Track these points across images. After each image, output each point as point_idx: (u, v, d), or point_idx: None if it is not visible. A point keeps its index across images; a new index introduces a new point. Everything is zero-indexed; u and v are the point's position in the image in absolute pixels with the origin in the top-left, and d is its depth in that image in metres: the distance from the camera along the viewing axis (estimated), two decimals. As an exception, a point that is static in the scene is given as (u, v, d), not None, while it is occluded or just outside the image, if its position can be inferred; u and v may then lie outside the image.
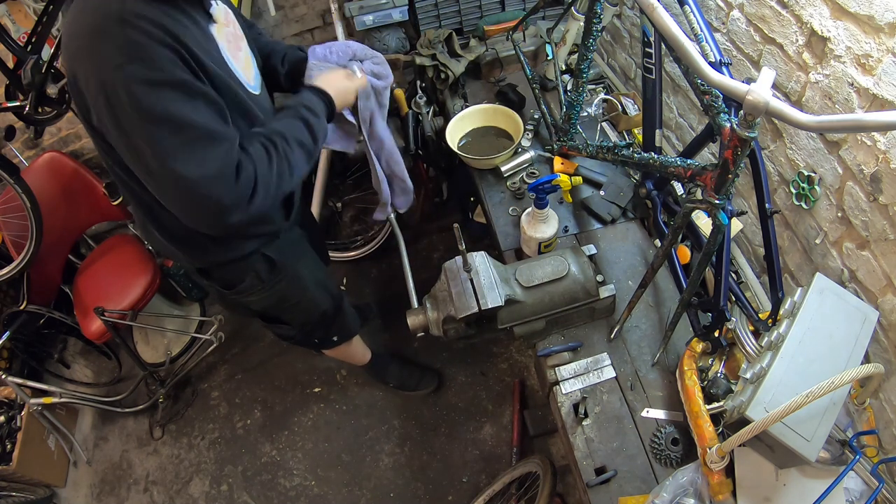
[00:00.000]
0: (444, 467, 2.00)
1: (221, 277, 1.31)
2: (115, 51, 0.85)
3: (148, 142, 0.89)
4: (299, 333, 1.62)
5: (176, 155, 0.90)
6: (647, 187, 1.49)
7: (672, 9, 1.40)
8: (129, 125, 0.88)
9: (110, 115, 0.88)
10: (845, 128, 0.78)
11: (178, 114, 0.89)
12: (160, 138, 0.89)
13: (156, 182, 0.95)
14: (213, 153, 0.93)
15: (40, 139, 1.96)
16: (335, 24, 2.05)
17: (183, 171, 0.90)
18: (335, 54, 1.37)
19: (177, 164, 0.90)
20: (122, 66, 0.85)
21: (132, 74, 0.85)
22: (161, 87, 0.88)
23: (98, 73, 0.86)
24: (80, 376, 2.43)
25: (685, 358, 1.18)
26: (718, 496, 1.02)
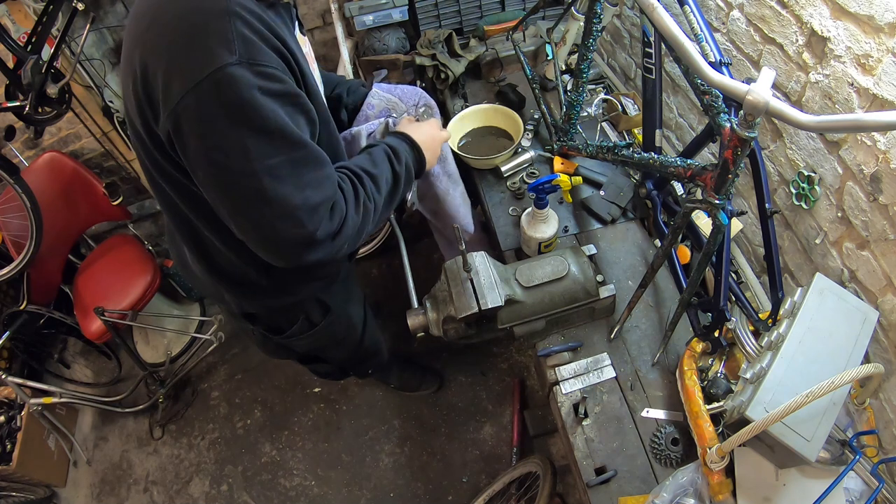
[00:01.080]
0: (444, 467, 2.00)
1: (269, 322, 1.21)
2: (218, 47, 0.72)
3: (244, 155, 0.76)
4: (336, 371, 1.59)
5: (280, 174, 0.78)
6: (647, 187, 1.49)
7: (672, 9, 1.40)
8: (222, 134, 0.75)
9: (196, 122, 0.75)
10: (845, 128, 0.78)
11: (288, 128, 0.78)
12: (263, 153, 0.76)
13: (241, 202, 0.81)
14: (318, 178, 0.82)
15: (40, 139, 1.96)
16: (335, 24, 2.05)
17: (284, 192, 0.78)
18: (399, 90, 1.34)
19: (278, 184, 0.78)
20: (227, 65, 0.72)
21: (240, 77, 0.72)
22: (271, 95, 0.76)
23: (190, 71, 0.72)
24: (80, 376, 2.43)
25: (685, 358, 1.18)
26: (718, 496, 1.02)
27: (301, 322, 1.22)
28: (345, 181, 0.92)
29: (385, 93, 1.32)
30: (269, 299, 1.13)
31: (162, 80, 0.75)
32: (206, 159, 0.78)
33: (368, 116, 1.32)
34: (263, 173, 0.77)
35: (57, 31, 1.72)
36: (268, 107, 0.75)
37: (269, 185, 0.78)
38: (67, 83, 1.79)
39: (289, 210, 0.80)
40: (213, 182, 0.81)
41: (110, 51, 2.14)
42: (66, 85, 1.79)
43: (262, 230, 0.83)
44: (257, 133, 0.76)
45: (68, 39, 1.83)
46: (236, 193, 0.80)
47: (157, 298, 2.26)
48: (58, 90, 1.77)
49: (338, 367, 1.56)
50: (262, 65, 0.75)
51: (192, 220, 0.96)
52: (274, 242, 0.84)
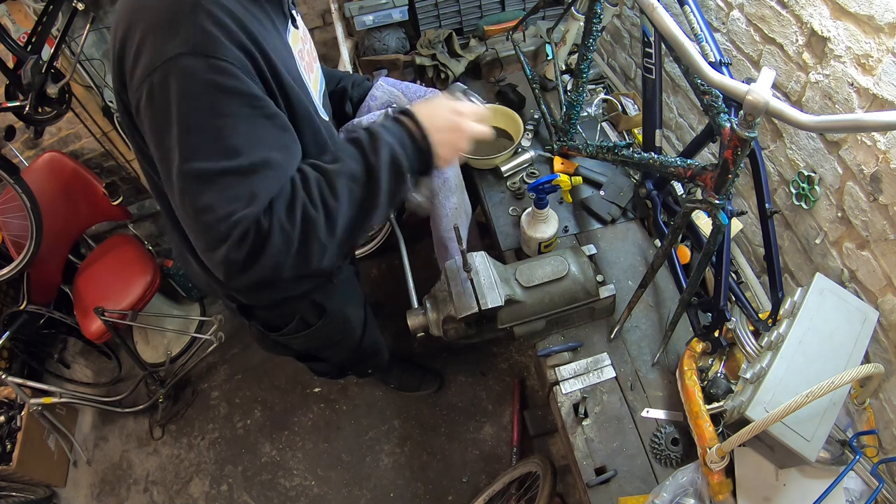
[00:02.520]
0: (444, 467, 2.00)
1: (265, 319, 1.19)
2: (179, 37, 0.70)
3: (182, 154, 0.72)
4: (335, 370, 1.58)
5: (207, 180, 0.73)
6: (647, 187, 1.49)
7: (672, 9, 1.40)
8: (165, 127, 0.72)
9: (148, 113, 0.73)
10: (845, 128, 0.78)
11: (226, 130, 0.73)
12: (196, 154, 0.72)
13: (176, 202, 0.77)
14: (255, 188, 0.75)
15: (40, 139, 1.96)
16: (335, 24, 2.05)
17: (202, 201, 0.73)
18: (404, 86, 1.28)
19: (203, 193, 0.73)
20: (182, 55, 0.69)
21: (188, 68, 0.70)
22: (220, 93, 0.72)
23: (151, 54, 0.71)
24: (80, 376, 2.43)
25: (685, 358, 1.18)
26: (718, 496, 1.02)
27: (297, 322, 1.20)
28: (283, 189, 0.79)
29: (390, 86, 1.30)
30: (257, 295, 1.11)
31: (131, 65, 0.74)
32: (152, 147, 0.77)
33: (371, 108, 1.31)
34: (186, 176, 0.72)
35: (57, 31, 1.72)
36: (211, 104, 0.71)
37: (188, 188, 0.72)
38: (67, 83, 1.79)
39: (211, 220, 0.73)
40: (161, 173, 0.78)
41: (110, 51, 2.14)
42: (66, 85, 1.79)
43: (195, 237, 0.78)
44: (191, 131, 0.72)
45: (68, 39, 1.83)
46: (171, 191, 0.77)
47: (157, 298, 2.25)
48: (58, 90, 1.77)
49: (336, 366, 1.56)
50: (218, 58, 0.71)
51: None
52: (205, 253, 0.78)
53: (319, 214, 0.79)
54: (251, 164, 0.74)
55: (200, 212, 0.73)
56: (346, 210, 0.81)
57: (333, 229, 0.80)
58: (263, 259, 0.76)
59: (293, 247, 0.78)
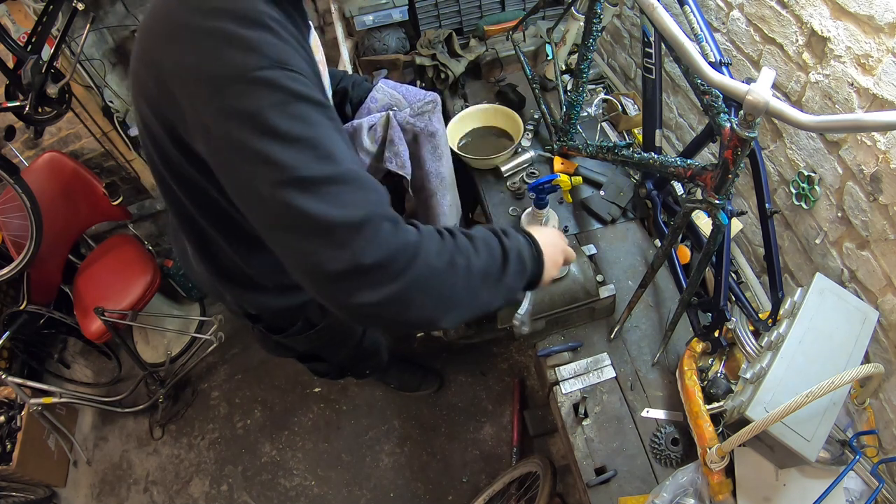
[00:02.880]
0: (444, 467, 2.00)
1: (270, 322, 1.18)
2: (254, 51, 0.68)
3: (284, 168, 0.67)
4: (335, 370, 1.58)
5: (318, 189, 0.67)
6: (647, 187, 1.49)
7: (672, 9, 1.40)
8: (254, 137, 0.67)
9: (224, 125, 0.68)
10: (845, 128, 0.78)
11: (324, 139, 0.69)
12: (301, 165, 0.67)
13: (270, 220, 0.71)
14: (359, 196, 0.70)
15: (40, 139, 1.96)
16: (335, 24, 2.05)
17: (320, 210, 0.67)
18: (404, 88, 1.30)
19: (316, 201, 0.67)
20: (263, 68, 0.67)
21: (276, 81, 0.67)
22: (306, 103, 0.69)
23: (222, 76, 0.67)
24: (80, 376, 2.43)
25: (685, 358, 1.18)
26: (718, 496, 1.02)
27: (302, 323, 1.20)
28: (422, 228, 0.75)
29: (390, 88, 1.31)
30: (272, 301, 1.10)
31: (187, 85, 0.70)
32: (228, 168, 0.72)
33: (371, 110, 1.32)
34: (291, 185, 0.67)
35: (57, 31, 1.72)
36: (302, 115, 0.68)
37: (299, 202, 0.66)
38: (67, 83, 1.79)
39: (323, 226, 0.67)
40: (242, 196, 0.73)
41: (110, 51, 2.14)
42: (66, 85, 1.79)
43: (297, 254, 0.70)
44: (286, 141, 0.67)
45: (68, 39, 1.83)
46: (265, 211, 0.71)
47: (157, 298, 2.25)
48: (58, 90, 1.77)
49: (336, 366, 1.56)
50: (294, 71, 0.69)
51: (196, 218, 0.92)
52: (313, 269, 0.70)
53: (462, 261, 0.76)
54: (350, 171, 0.71)
55: (314, 219, 0.67)
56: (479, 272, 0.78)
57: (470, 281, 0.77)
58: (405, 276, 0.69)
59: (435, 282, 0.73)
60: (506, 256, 0.83)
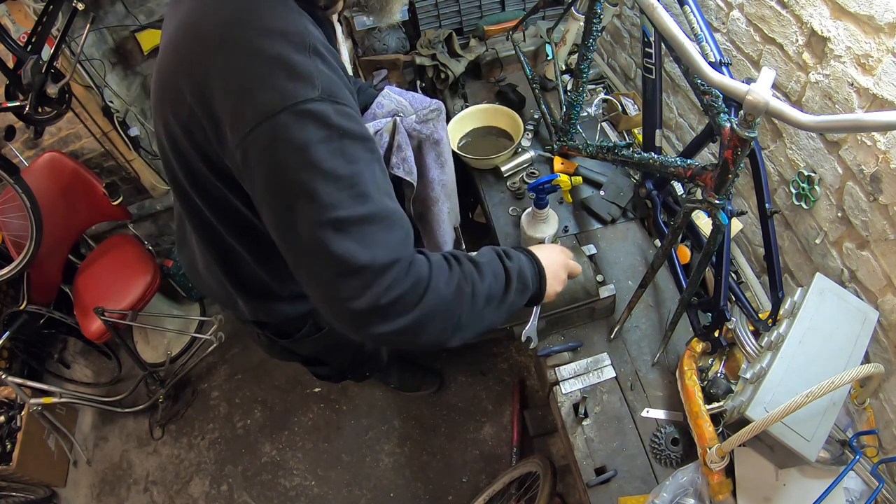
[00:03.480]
0: (444, 467, 2.00)
1: (278, 328, 1.19)
2: (300, 81, 0.67)
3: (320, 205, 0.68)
4: (336, 373, 1.59)
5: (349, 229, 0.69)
6: (647, 187, 1.49)
7: (672, 9, 1.40)
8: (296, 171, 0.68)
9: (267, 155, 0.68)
10: (845, 128, 0.78)
11: (363, 176, 0.70)
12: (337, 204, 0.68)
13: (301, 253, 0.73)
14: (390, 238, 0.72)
15: (40, 139, 1.96)
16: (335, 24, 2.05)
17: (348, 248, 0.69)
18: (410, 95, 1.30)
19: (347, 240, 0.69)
20: (310, 100, 0.66)
21: (324, 114, 0.67)
22: (350, 139, 0.69)
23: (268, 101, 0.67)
24: (80, 376, 2.43)
25: (685, 358, 1.18)
26: (718, 496, 1.02)
27: (308, 327, 1.21)
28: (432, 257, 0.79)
29: (396, 95, 1.30)
30: (286, 308, 1.11)
31: (232, 105, 0.69)
32: (269, 200, 0.72)
33: (376, 115, 1.32)
34: (328, 225, 0.68)
35: (57, 31, 1.72)
36: (345, 151, 0.69)
37: (329, 239, 0.68)
38: (67, 83, 1.79)
39: (352, 268, 0.69)
40: (276, 223, 0.74)
41: (110, 51, 2.14)
42: (66, 85, 1.79)
43: (323, 287, 0.73)
44: (329, 181, 0.67)
45: (68, 39, 1.83)
46: (297, 242, 0.72)
47: (157, 298, 2.26)
48: (58, 90, 1.77)
49: (337, 370, 1.57)
50: (342, 103, 0.69)
51: (217, 228, 0.92)
52: (336, 303, 0.72)
53: (468, 290, 0.80)
54: (383, 209, 0.73)
55: (341, 259, 0.69)
56: (483, 296, 0.82)
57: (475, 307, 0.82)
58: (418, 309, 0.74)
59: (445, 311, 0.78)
60: (508, 278, 0.87)
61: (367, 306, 0.70)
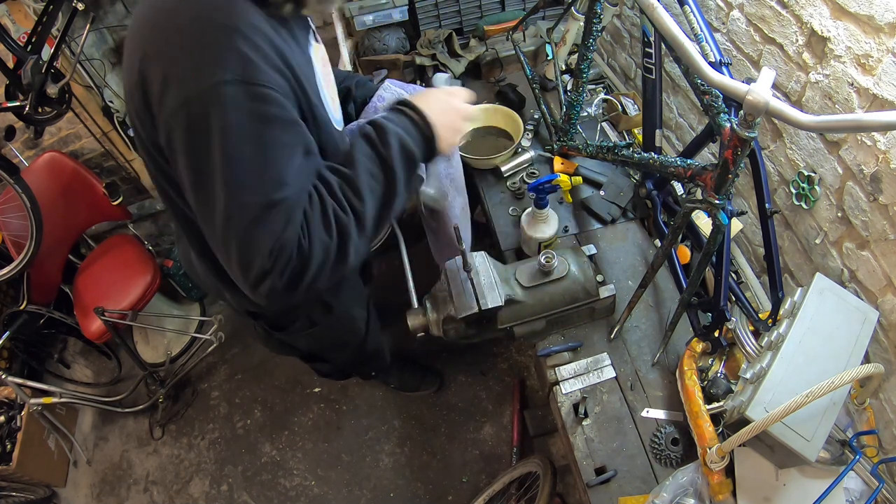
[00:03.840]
0: (444, 467, 2.00)
1: (271, 319, 1.21)
2: (218, 63, 0.68)
3: (225, 182, 0.71)
4: (338, 371, 1.59)
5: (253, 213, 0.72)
6: (647, 187, 1.49)
7: (672, 9, 1.40)
8: (209, 155, 0.70)
9: (187, 137, 0.71)
10: (845, 128, 0.78)
11: (274, 162, 0.72)
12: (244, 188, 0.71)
13: (214, 231, 0.76)
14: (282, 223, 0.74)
15: (40, 139, 1.96)
16: (335, 24, 2.05)
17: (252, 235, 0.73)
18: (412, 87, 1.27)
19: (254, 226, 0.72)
20: (223, 83, 0.67)
21: (234, 98, 0.68)
22: (264, 123, 0.71)
23: (186, 82, 0.69)
24: (80, 376, 2.43)
25: (685, 358, 1.18)
26: (718, 496, 1.02)
27: (302, 320, 1.21)
28: (311, 200, 0.79)
29: (397, 88, 1.28)
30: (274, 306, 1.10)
31: (158, 90, 0.71)
32: (191, 177, 0.75)
33: (377, 109, 1.29)
34: (235, 209, 0.71)
35: (57, 31, 1.72)
36: (257, 135, 0.70)
37: (237, 221, 0.72)
38: (67, 83, 1.79)
39: (256, 251, 0.73)
40: (194, 202, 0.77)
41: (110, 51, 2.14)
42: (66, 85, 1.79)
43: (233, 267, 0.77)
44: (237, 162, 0.70)
45: (68, 39, 1.83)
46: (210, 220, 0.76)
47: (157, 298, 2.25)
48: (58, 90, 1.77)
49: (339, 368, 1.56)
50: (260, 85, 0.70)
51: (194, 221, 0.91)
52: (245, 282, 0.78)
53: (350, 218, 0.81)
54: (295, 194, 0.74)
55: (245, 247, 0.73)
56: (371, 207, 0.83)
57: (363, 228, 0.83)
58: (306, 277, 0.78)
59: (332, 255, 0.80)
60: (388, 169, 0.85)
61: (269, 290, 0.76)
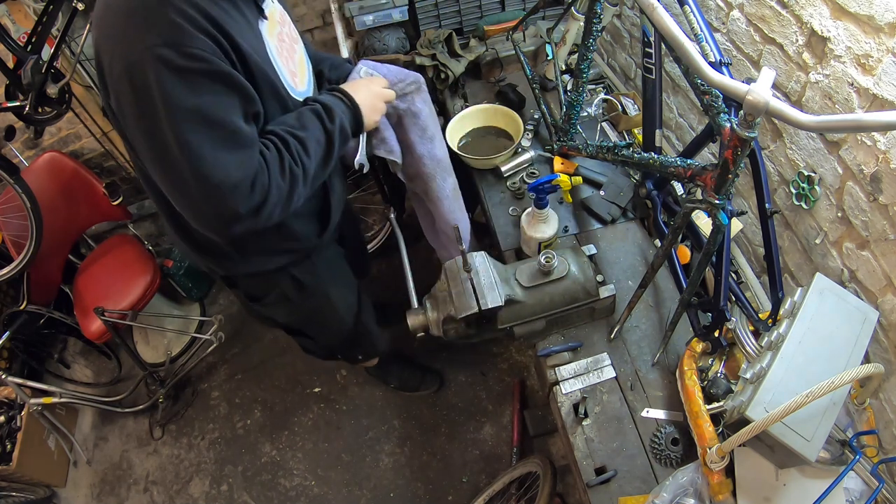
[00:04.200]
0: (444, 467, 2.00)
1: (247, 289, 1.28)
2: (149, 32, 0.78)
3: (174, 135, 0.81)
4: (323, 350, 1.60)
5: (202, 153, 0.83)
6: (647, 187, 1.49)
7: (672, 9, 1.40)
8: (154, 114, 0.81)
9: (133, 102, 0.81)
10: (845, 128, 0.78)
11: (210, 108, 0.83)
12: (188, 132, 0.82)
13: (172, 178, 0.87)
14: (239, 157, 0.86)
15: (40, 139, 1.96)
16: (335, 24, 2.05)
17: (206, 171, 0.83)
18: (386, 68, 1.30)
19: (202, 163, 0.83)
20: (155, 47, 0.78)
21: (164, 58, 0.78)
22: (196, 77, 0.81)
23: (126, 54, 0.79)
24: (80, 376, 2.43)
25: (685, 358, 1.18)
26: (718, 496, 1.02)
27: (275, 294, 1.28)
28: (269, 148, 0.94)
29: (371, 68, 1.28)
30: (238, 267, 1.21)
31: (108, 61, 0.82)
32: (143, 138, 0.86)
33: None
34: (184, 151, 0.82)
35: (57, 31, 1.72)
36: (190, 87, 0.80)
37: (189, 163, 0.83)
38: (67, 83, 1.79)
39: (209, 188, 0.85)
40: (147, 158, 0.88)
41: (110, 51, 2.14)
42: (66, 85, 1.79)
43: (189, 206, 0.90)
44: (178, 112, 0.81)
45: (68, 39, 1.84)
46: (164, 170, 0.87)
47: (157, 298, 2.26)
48: (58, 90, 1.77)
49: (324, 347, 1.59)
50: (188, 47, 0.80)
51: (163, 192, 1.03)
52: (200, 217, 0.91)
53: (299, 170, 0.97)
54: (232, 132, 0.86)
55: (203, 179, 0.84)
56: (315, 165, 1.01)
57: (307, 180, 1.00)
58: (264, 210, 0.92)
59: (283, 197, 0.96)
60: (330, 139, 1.03)
61: (230, 215, 0.88)
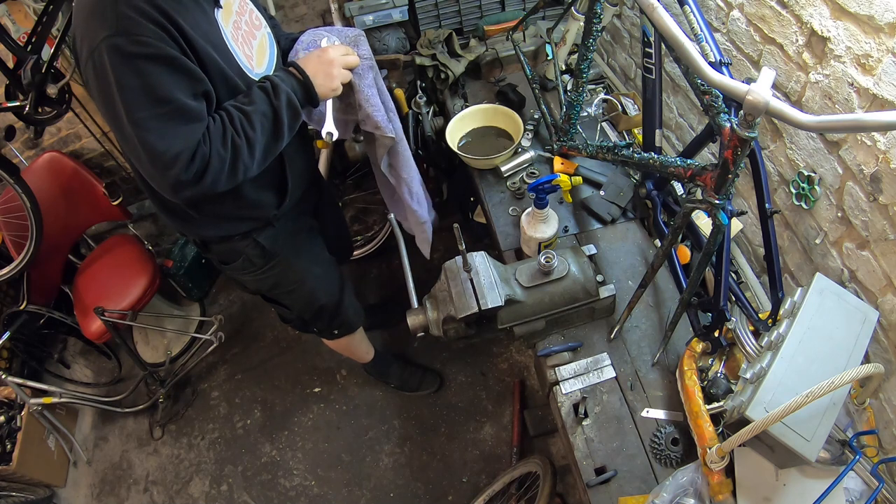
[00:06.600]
0: (444, 467, 2.00)
1: (218, 253, 1.38)
2: (104, 24, 0.92)
3: (125, 111, 0.95)
4: (298, 320, 1.65)
5: (148, 126, 0.96)
6: (647, 187, 1.49)
7: (672, 9, 1.40)
8: (110, 94, 0.95)
9: (96, 84, 0.96)
10: (845, 128, 0.78)
11: (155, 87, 0.95)
12: (136, 109, 0.95)
13: (129, 149, 1.02)
14: (183, 130, 0.98)
15: (40, 139, 1.96)
16: (335, 24, 2.05)
17: (152, 143, 0.96)
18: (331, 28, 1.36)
19: (146, 134, 0.96)
20: (108, 37, 0.91)
21: (116, 45, 0.91)
22: (143, 60, 0.93)
23: (89, 43, 0.93)
24: (80, 376, 2.43)
25: (685, 358, 1.18)
26: (718, 496, 1.02)
27: (243, 260, 1.37)
28: (215, 121, 1.04)
29: (313, 33, 1.32)
30: (203, 231, 1.31)
31: (78, 52, 0.97)
32: (104, 115, 1.00)
33: (297, 51, 1.33)
34: (133, 125, 0.95)
35: (57, 31, 1.72)
36: (137, 69, 0.93)
37: (137, 135, 0.96)
38: (67, 83, 1.79)
39: (155, 156, 0.98)
40: (114, 133, 1.03)
41: (110, 51, 2.14)
42: (66, 85, 1.79)
43: (144, 172, 1.04)
44: (127, 91, 0.94)
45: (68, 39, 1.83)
46: (122, 142, 1.02)
47: (157, 298, 2.26)
48: (58, 90, 1.77)
49: (298, 317, 1.64)
50: (137, 35, 0.92)
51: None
52: (154, 182, 1.04)
53: (242, 142, 1.06)
54: (177, 108, 0.97)
55: (149, 149, 0.97)
56: (261, 137, 1.09)
57: (253, 152, 1.08)
58: (206, 177, 1.03)
59: (226, 166, 1.05)
60: (277, 115, 1.10)
61: (173, 181, 1.00)
